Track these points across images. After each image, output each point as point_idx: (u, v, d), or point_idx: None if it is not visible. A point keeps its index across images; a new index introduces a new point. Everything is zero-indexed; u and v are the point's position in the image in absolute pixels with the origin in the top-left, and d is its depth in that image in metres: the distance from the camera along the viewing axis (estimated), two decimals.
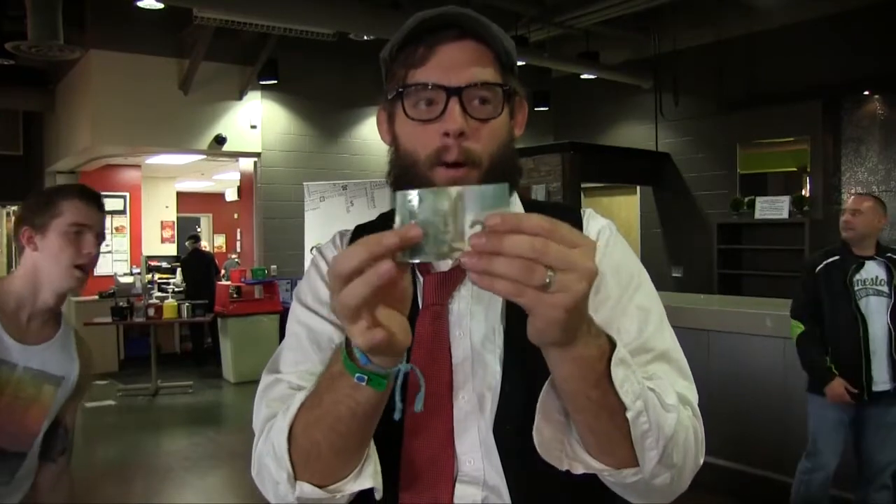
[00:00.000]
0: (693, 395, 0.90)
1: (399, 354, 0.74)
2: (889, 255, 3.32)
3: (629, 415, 0.76)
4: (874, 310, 3.25)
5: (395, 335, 0.69)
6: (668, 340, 0.93)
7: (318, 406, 0.80)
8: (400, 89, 0.93)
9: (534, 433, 0.82)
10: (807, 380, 3.45)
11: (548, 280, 0.62)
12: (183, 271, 9.73)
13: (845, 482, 3.54)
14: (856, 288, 3.25)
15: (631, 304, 0.94)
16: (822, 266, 3.35)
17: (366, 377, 0.74)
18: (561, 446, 0.83)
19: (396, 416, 0.79)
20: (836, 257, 3.35)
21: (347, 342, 0.75)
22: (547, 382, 0.81)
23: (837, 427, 3.34)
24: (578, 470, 0.83)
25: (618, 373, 0.75)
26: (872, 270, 3.28)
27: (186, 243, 9.90)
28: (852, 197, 3.46)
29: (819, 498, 3.39)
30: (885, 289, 3.25)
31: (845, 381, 3.22)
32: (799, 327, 3.38)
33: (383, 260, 0.64)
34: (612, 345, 0.76)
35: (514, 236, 0.61)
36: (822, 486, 3.39)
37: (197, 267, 9.38)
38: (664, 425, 0.79)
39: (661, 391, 0.81)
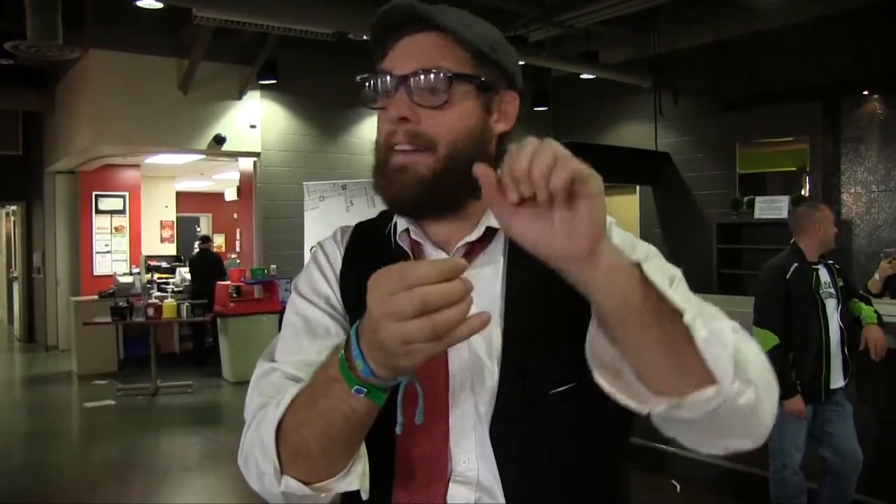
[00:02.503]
0: (740, 327, 0.83)
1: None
2: (828, 261, 3.54)
3: (686, 318, 0.72)
4: (830, 312, 3.42)
5: None
6: (695, 297, 0.88)
7: (312, 407, 0.80)
8: (359, 79, 0.97)
9: (603, 385, 0.78)
10: None
11: None
12: (191, 270, 9.76)
13: (816, 476, 3.61)
14: (820, 292, 3.42)
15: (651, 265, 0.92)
16: (791, 272, 3.44)
17: (365, 390, 0.75)
18: (629, 391, 0.77)
19: (398, 430, 0.80)
20: (797, 264, 3.46)
21: (346, 351, 0.75)
22: (589, 331, 0.79)
23: (800, 423, 3.45)
24: (660, 406, 0.75)
25: (653, 276, 0.73)
26: (824, 275, 3.49)
27: (196, 243, 10.01)
28: (827, 209, 3.63)
29: (797, 494, 3.49)
30: (833, 291, 3.45)
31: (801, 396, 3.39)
32: (773, 339, 3.36)
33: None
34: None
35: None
36: (798, 483, 3.48)
37: (203, 266, 9.43)
38: (722, 332, 0.74)
39: (700, 304, 0.78)
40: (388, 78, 0.93)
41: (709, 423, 0.76)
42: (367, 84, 0.96)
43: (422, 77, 0.91)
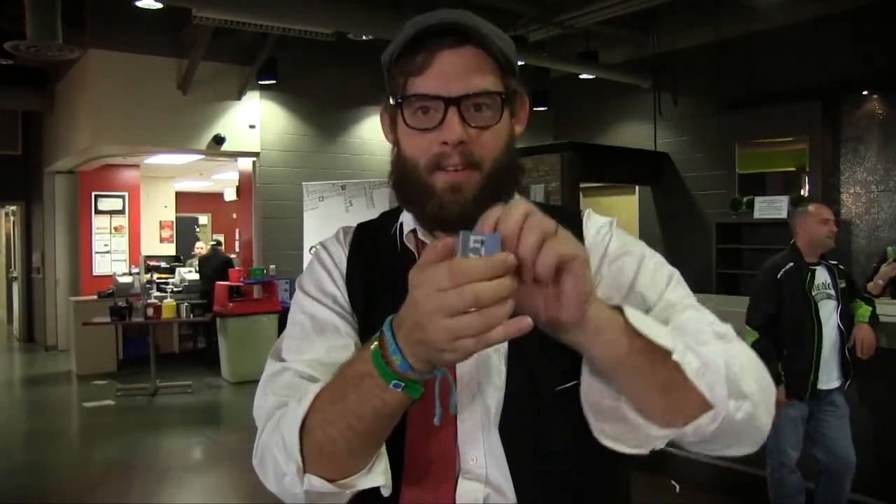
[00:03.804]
0: (730, 330, 0.91)
1: None
2: (829, 262, 3.54)
3: (676, 356, 0.77)
4: (826, 313, 3.43)
5: None
6: (691, 296, 0.96)
7: (340, 402, 0.80)
8: (399, 99, 0.93)
9: (597, 436, 0.83)
10: None
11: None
12: (200, 269, 9.79)
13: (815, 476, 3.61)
14: (814, 293, 3.43)
15: (648, 271, 0.97)
16: (783, 272, 3.47)
17: (403, 384, 0.74)
18: (630, 435, 0.83)
19: (437, 421, 0.82)
20: (792, 264, 3.48)
21: (381, 347, 0.74)
22: (583, 380, 0.83)
23: (796, 422, 3.47)
24: (660, 444, 0.84)
25: (638, 322, 0.77)
26: (822, 276, 3.49)
27: (210, 245, 10.21)
28: (821, 206, 3.61)
29: (795, 493, 3.50)
30: (833, 292, 3.46)
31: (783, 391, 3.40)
32: (753, 336, 3.43)
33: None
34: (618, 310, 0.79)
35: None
36: (796, 482, 3.50)
37: (212, 266, 9.47)
38: (711, 359, 0.79)
39: (691, 333, 0.83)
40: (438, 100, 0.90)
41: (711, 438, 0.83)
42: (397, 104, 0.94)
43: (477, 100, 0.91)
